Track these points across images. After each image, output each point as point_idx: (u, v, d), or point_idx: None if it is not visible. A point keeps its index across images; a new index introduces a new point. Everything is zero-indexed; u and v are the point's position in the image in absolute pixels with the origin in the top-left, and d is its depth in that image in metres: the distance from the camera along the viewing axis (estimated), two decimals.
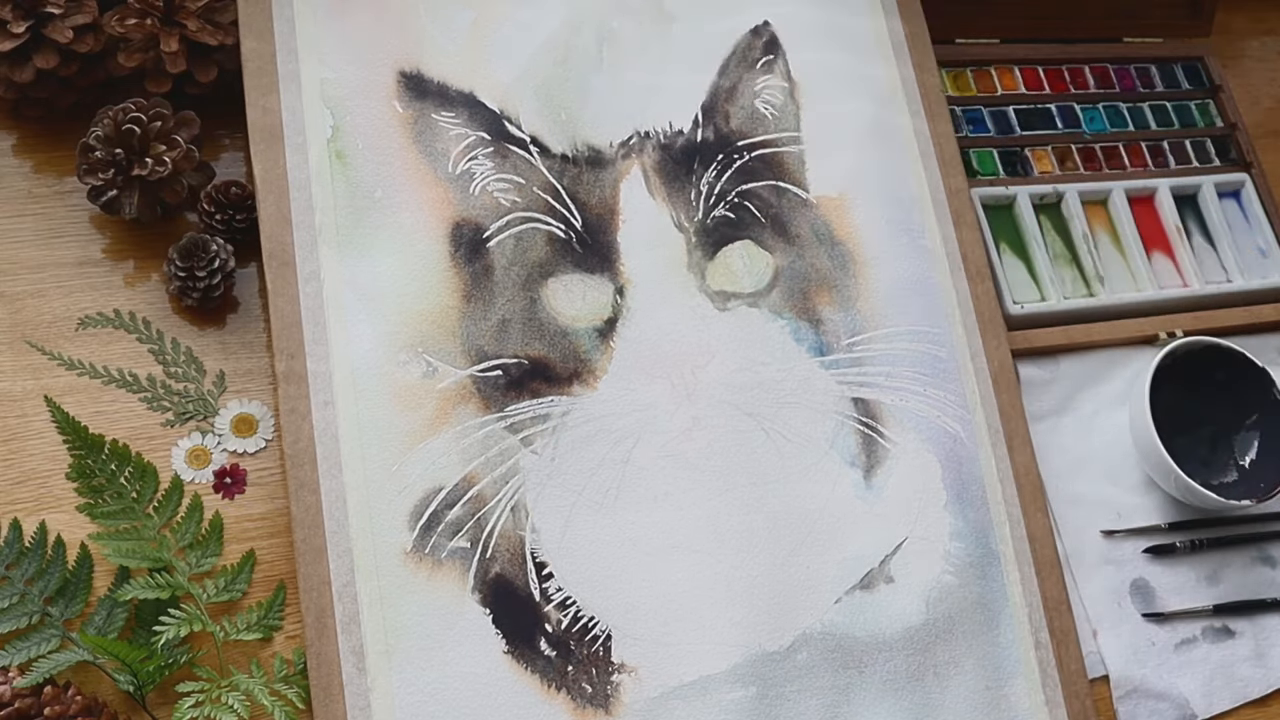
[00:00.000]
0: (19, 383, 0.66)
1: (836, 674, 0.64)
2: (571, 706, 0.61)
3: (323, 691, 0.59)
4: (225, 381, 0.68)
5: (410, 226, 0.67)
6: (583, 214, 0.70)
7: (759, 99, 0.76)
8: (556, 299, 0.68)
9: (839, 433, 0.69)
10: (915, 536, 0.68)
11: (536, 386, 0.66)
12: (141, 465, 0.64)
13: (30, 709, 0.57)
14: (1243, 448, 0.77)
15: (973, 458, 0.71)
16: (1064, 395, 0.78)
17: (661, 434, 0.66)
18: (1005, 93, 0.89)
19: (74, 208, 0.71)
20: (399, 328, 0.65)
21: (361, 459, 0.62)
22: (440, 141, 0.69)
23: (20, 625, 0.59)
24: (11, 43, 0.68)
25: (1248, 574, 0.76)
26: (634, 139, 0.72)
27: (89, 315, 0.68)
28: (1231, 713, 0.72)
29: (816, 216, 0.74)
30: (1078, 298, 0.81)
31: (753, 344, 0.69)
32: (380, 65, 0.70)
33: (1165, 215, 0.86)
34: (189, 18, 0.69)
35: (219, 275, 0.68)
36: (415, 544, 0.61)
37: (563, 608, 0.62)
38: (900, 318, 0.72)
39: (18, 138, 0.73)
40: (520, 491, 0.63)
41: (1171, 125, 0.91)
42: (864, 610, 0.65)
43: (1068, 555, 0.73)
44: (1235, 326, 0.82)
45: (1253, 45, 1.00)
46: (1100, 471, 0.77)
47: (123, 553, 0.61)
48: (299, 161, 0.67)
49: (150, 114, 0.68)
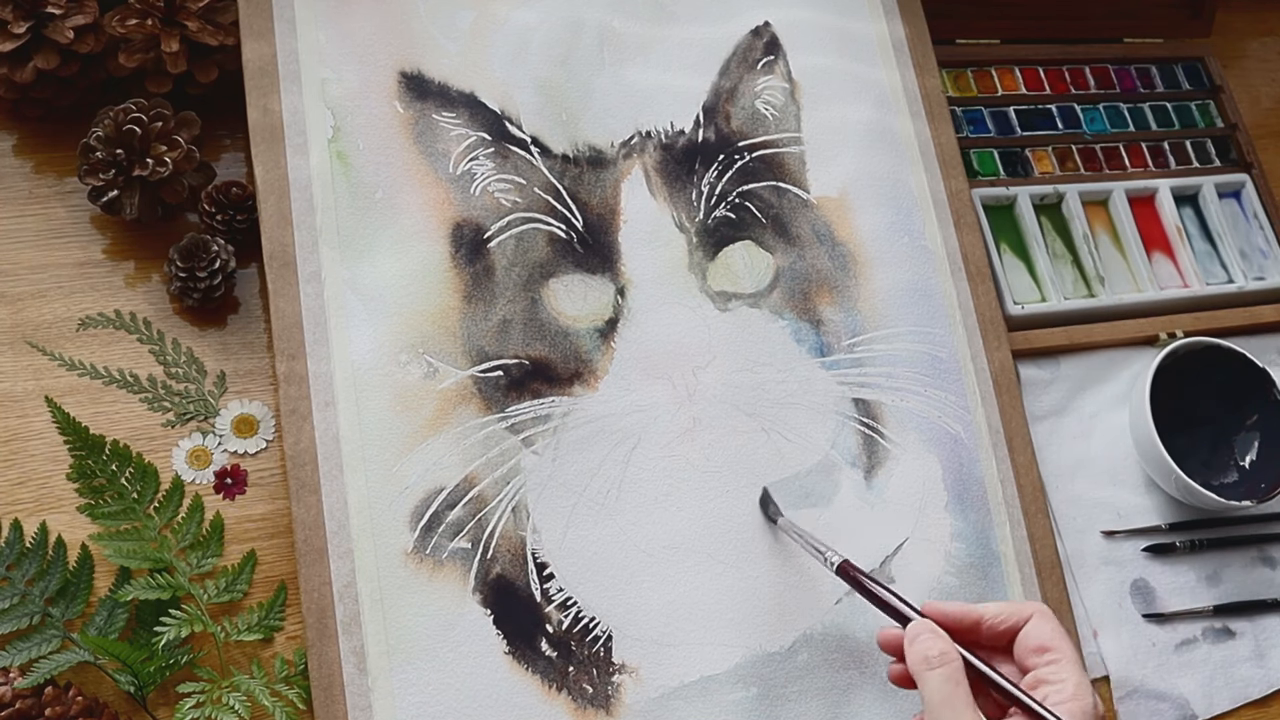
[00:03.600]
0: (20, 383, 0.66)
1: (837, 674, 0.64)
2: (572, 707, 0.61)
3: (323, 692, 0.59)
4: (226, 382, 0.68)
5: (411, 227, 0.67)
6: (584, 214, 0.70)
7: (760, 100, 0.76)
8: (557, 299, 0.68)
9: (840, 433, 0.69)
10: (916, 537, 0.68)
11: (537, 387, 0.66)
12: (142, 466, 0.64)
13: (31, 710, 0.57)
14: (1243, 448, 0.77)
15: (973, 458, 0.71)
16: (1064, 396, 0.78)
17: (662, 434, 0.66)
18: (1006, 93, 0.89)
19: (74, 208, 0.71)
20: (400, 328, 0.65)
21: (362, 460, 0.62)
22: (441, 142, 0.69)
23: (21, 626, 0.59)
24: (12, 43, 0.68)
25: (1248, 574, 0.76)
26: (635, 139, 0.72)
27: (90, 316, 0.68)
28: (1231, 713, 0.72)
29: (817, 217, 0.74)
30: (1078, 298, 0.81)
31: (753, 344, 0.69)
32: (381, 66, 0.70)
33: (1165, 215, 0.86)
34: (189, 18, 0.69)
35: (220, 276, 0.68)
36: (416, 545, 0.61)
37: (564, 608, 0.62)
38: (901, 318, 0.72)
39: (18, 138, 0.73)
40: (521, 492, 0.63)
41: (1172, 126, 0.91)
42: (865, 611, 0.65)
43: (1068, 556, 0.73)
44: (1235, 327, 0.83)
45: (1253, 45, 1.00)
46: (1100, 472, 0.77)
47: (123, 553, 0.61)
48: (300, 162, 0.67)
49: (151, 114, 0.68)
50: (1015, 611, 0.54)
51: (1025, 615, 0.54)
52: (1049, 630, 0.53)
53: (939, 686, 0.50)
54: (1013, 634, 0.54)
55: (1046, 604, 0.69)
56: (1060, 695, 0.50)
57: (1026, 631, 0.53)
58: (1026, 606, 0.54)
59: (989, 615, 0.54)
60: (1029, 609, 0.54)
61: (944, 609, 0.55)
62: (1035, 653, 0.53)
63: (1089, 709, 0.50)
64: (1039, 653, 0.52)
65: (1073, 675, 0.51)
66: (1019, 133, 0.87)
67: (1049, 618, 0.54)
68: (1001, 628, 0.54)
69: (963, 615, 0.54)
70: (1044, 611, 0.54)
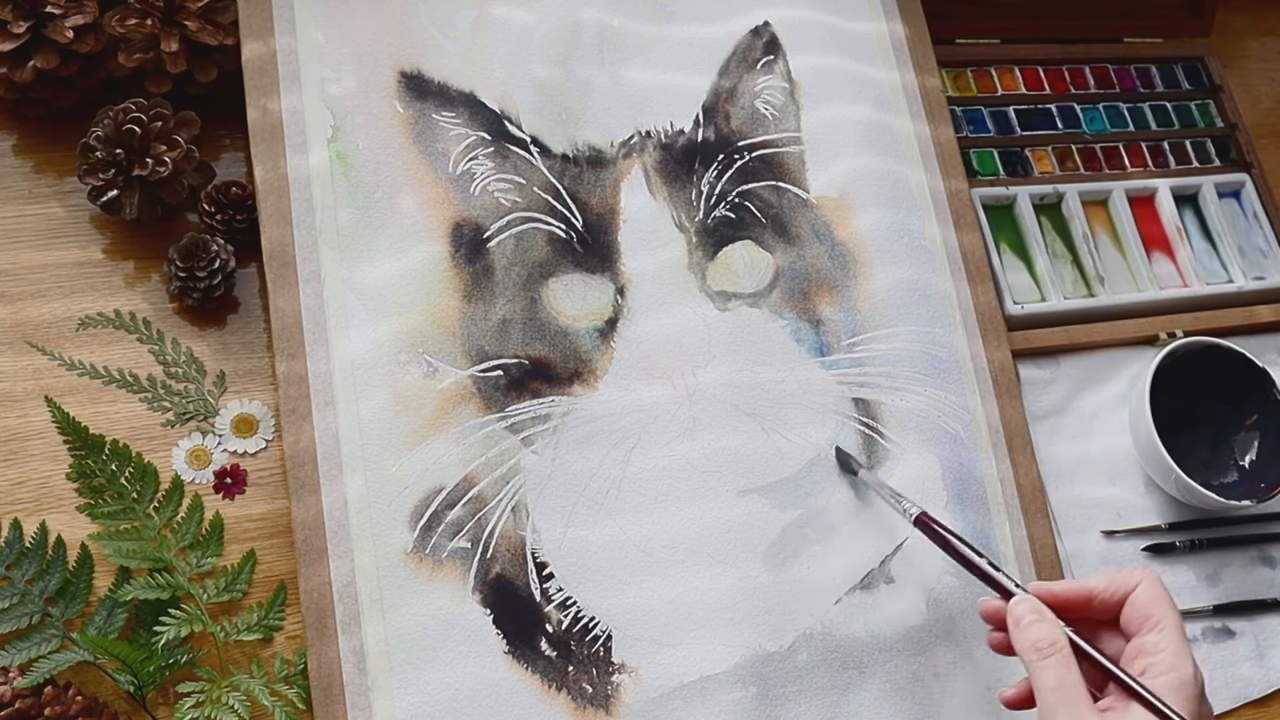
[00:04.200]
0: (19, 383, 0.66)
1: (837, 674, 0.64)
2: (572, 707, 0.61)
3: (323, 692, 0.59)
4: (225, 382, 0.68)
5: (411, 227, 0.67)
6: (583, 214, 0.70)
7: (759, 99, 0.76)
8: (557, 299, 0.68)
9: (839, 433, 0.69)
10: (916, 537, 0.68)
11: (537, 387, 0.66)
12: (142, 465, 0.64)
13: (30, 709, 0.57)
14: (1243, 448, 0.77)
15: (973, 458, 0.71)
16: (1064, 395, 0.78)
17: (662, 434, 0.66)
18: (1005, 93, 0.89)
19: (74, 208, 0.71)
20: (399, 328, 0.65)
21: (362, 459, 0.62)
22: (441, 141, 0.69)
23: (21, 625, 0.59)
24: (11, 43, 0.68)
25: (1248, 574, 0.76)
26: (635, 139, 0.72)
27: (89, 316, 0.68)
28: (1231, 713, 0.72)
29: (817, 217, 0.74)
30: (1078, 298, 0.81)
31: (753, 344, 0.69)
32: (380, 65, 0.70)
33: (1165, 215, 0.86)
34: (189, 18, 0.69)
35: (219, 275, 0.68)
36: (416, 544, 0.61)
37: (563, 608, 0.62)
38: (900, 318, 0.72)
39: (18, 138, 0.73)
40: (521, 492, 0.63)
41: (1171, 125, 0.91)
42: (864, 611, 0.65)
43: (1068, 555, 0.73)
44: (1235, 326, 0.83)
45: (1253, 45, 1.00)
46: (1100, 471, 0.77)
47: (123, 553, 0.61)
48: (299, 162, 0.67)
49: (150, 114, 0.68)
50: (1123, 581, 0.54)
51: (1132, 584, 0.54)
52: (1151, 597, 0.53)
53: (1052, 677, 0.51)
54: (1122, 603, 0.54)
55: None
56: (1159, 666, 0.51)
57: (1132, 600, 0.53)
58: (1134, 574, 0.54)
59: (1099, 590, 0.54)
60: (1135, 576, 0.54)
61: (1054, 590, 0.55)
62: (1138, 621, 0.53)
63: (1188, 678, 0.50)
64: (1142, 620, 0.53)
65: (1172, 644, 0.51)
66: (1019, 132, 0.87)
67: (1154, 584, 0.53)
68: (1113, 600, 0.54)
69: (1075, 594, 0.55)
70: (1151, 578, 0.54)
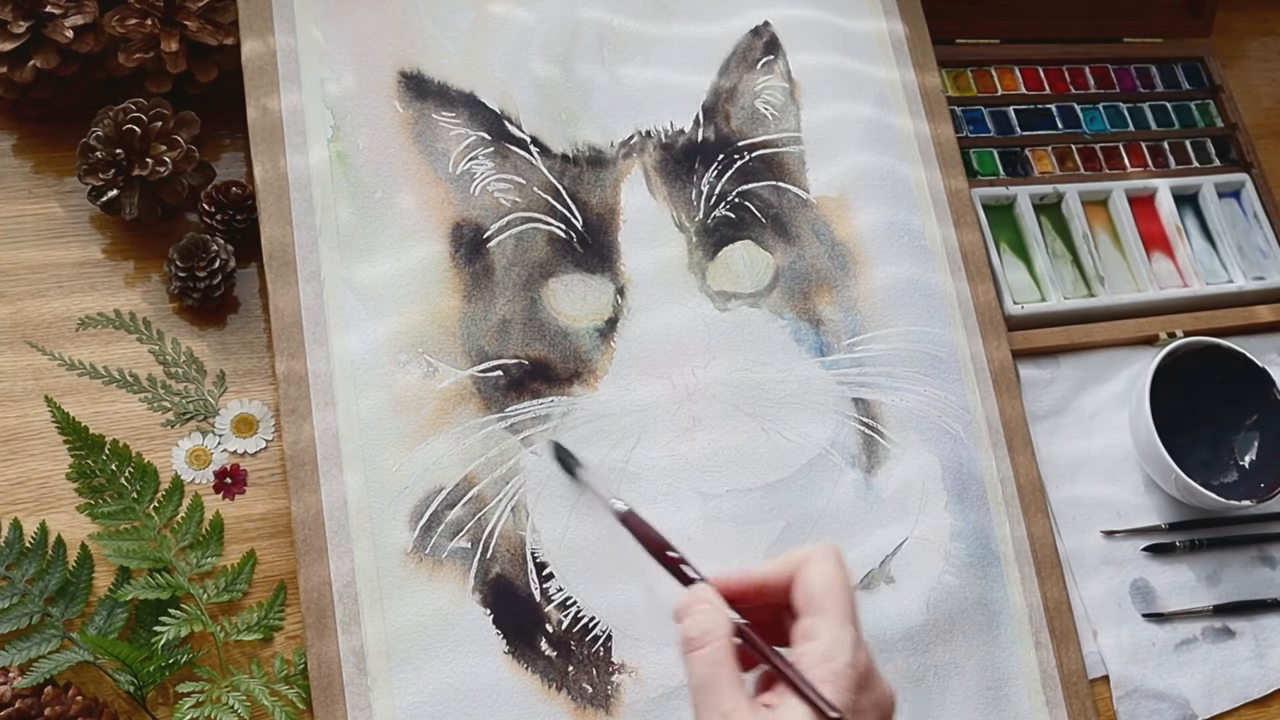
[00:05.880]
0: (19, 383, 0.66)
1: None
2: (572, 707, 0.61)
3: (323, 692, 0.59)
4: (225, 382, 0.68)
5: (410, 227, 0.67)
6: (583, 214, 0.70)
7: (759, 99, 0.76)
8: (557, 299, 0.68)
9: (839, 433, 0.69)
10: (915, 537, 0.68)
11: (537, 387, 0.66)
12: (142, 465, 0.64)
13: (30, 709, 0.57)
14: (1243, 448, 0.77)
15: (973, 458, 0.71)
16: (1064, 395, 0.78)
17: (662, 434, 0.66)
18: (1005, 93, 0.89)
19: (74, 208, 0.71)
20: (399, 328, 0.65)
21: (362, 459, 0.62)
22: (440, 141, 0.69)
23: (21, 625, 0.59)
24: (11, 43, 0.68)
25: (1248, 574, 0.76)
26: (635, 138, 0.72)
27: (89, 315, 0.68)
28: (1231, 713, 0.72)
29: (817, 217, 0.74)
30: (1078, 298, 0.81)
31: (753, 344, 0.69)
32: (380, 65, 0.70)
33: (1165, 215, 0.86)
34: (189, 18, 0.69)
35: (219, 275, 0.68)
36: (416, 544, 0.61)
37: (563, 608, 0.62)
38: (900, 318, 0.72)
39: (18, 138, 0.73)
40: (521, 492, 0.63)
41: (1171, 125, 0.91)
42: (864, 611, 0.65)
43: (1068, 555, 0.73)
44: (1235, 326, 0.83)
45: (1253, 45, 1.00)
46: (1100, 471, 0.77)
47: (123, 553, 0.61)
48: (299, 162, 0.67)
49: (150, 114, 0.68)
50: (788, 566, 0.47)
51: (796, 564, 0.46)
52: (812, 577, 0.45)
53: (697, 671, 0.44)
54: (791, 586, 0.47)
55: (1045, 603, 0.69)
56: (812, 656, 0.44)
57: (798, 582, 0.46)
58: (801, 554, 0.46)
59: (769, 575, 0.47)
60: (799, 556, 0.46)
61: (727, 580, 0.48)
62: (802, 604, 0.45)
63: (839, 669, 0.43)
64: (805, 603, 0.45)
65: (826, 632, 0.44)
66: (1019, 132, 0.87)
67: (819, 561, 0.46)
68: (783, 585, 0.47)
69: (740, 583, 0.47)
70: (819, 556, 0.46)
